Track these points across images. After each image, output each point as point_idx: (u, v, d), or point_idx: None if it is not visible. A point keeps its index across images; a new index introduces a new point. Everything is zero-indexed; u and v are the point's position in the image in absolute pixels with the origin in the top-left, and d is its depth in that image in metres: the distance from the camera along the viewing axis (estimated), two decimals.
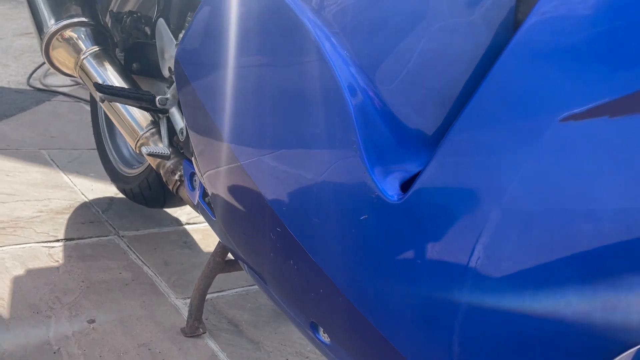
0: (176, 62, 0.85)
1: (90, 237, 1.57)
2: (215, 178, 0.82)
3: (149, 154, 1.01)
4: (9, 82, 3.09)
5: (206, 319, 1.33)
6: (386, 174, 0.58)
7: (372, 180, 0.57)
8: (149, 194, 1.58)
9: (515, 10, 0.47)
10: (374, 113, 0.57)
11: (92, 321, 1.21)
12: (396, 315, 0.64)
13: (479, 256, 0.53)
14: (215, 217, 0.93)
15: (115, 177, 1.75)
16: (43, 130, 2.37)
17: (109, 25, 1.58)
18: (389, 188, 0.57)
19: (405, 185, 0.57)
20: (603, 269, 0.42)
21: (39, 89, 2.94)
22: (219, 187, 0.83)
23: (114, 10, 1.61)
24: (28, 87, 2.96)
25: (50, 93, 2.91)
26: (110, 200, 1.83)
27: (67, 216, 1.65)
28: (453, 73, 0.52)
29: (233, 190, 0.80)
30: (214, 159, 0.81)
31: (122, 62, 1.38)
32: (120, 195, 1.84)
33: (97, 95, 1.11)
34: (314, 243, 0.68)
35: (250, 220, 0.79)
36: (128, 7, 1.64)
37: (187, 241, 1.68)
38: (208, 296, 1.42)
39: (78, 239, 1.54)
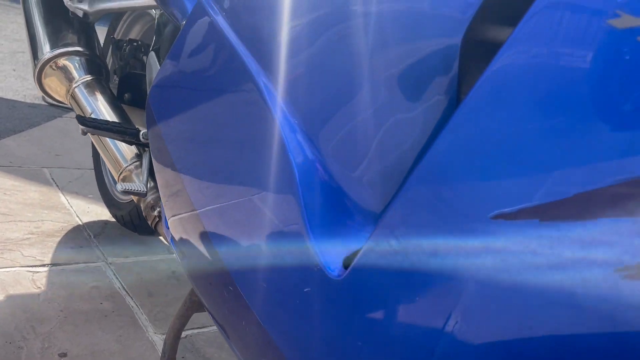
0: (147, 103, 0.84)
1: (77, 263, 1.55)
2: (176, 224, 0.80)
3: (125, 191, 1.00)
4: (25, 95, 3.15)
5: (183, 357, 1.30)
6: (330, 248, 0.54)
7: (314, 254, 0.54)
8: (139, 222, 1.57)
9: (457, 90, 0.44)
10: (320, 185, 0.55)
11: (63, 355, 1.19)
12: None
13: (413, 336, 0.49)
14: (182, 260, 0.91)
15: (108, 201, 1.74)
16: (49, 147, 2.39)
17: (110, 52, 1.59)
18: (332, 263, 0.54)
19: (350, 259, 0.54)
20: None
21: (53, 105, 2.98)
22: (179, 233, 0.81)
23: (117, 37, 1.63)
24: (43, 102, 3.01)
25: (62, 109, 2.95)
26: (104, 224, 1.82)
27: (57, 239, 1.65)
28: (397, 152, 0.49)
29: (191, 238, 0.77)
30: (176, 205, 0.79)
31: (116, 91, 1.38)
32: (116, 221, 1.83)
33: (80, 128, 1.10)
34: (263, 309, 0.65)
35: (205, 273, 0.76)
36: (132, 35, 1.65)
37: (175, 271, 1.66)
38: (188, 332, 1.39)
39: (64, 264, 1.53)
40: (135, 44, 1.48)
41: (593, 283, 0.35)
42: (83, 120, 1.08)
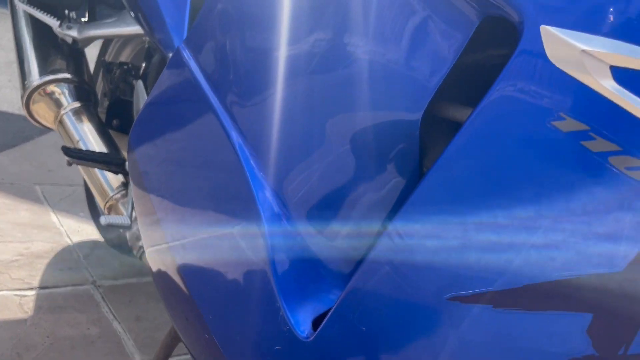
0: (129, 138, 0.84)
1: (66, 286, 1.55)
2: (153, 256, 0.81)
3: (108, 225, 1.00)
4: (20, 107, 3.15)
5: None
6: (300, 309, 0.55)
7: (284, 314, 0.54)
8: (128, 246, 1.57)
9: (420, 164, 0.45)
10: (291, 246, 0.55)
11: None
12: None
13: None
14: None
15: (98, 222, 1.74)
16: (42, 163, 2.39)
17: (100, 75, 1.60)
18: (301, 324, 0.54)
19: (319, 321, 0.55)
20: None
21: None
22: (156, 265, 0.82)
23: (108, 60, 1.63)
24: None
25: None
26: (94, 244, 1.82)
27: (46, 261, 1.65)
28: (365, 218, 0.50)
29: (167, 272, 0.78)
30: (152, 238, 0.80)
31: (105, 116, 1.38)
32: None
33: (65, 159, 1.10)
34: (230, 348, 0.65)
35: (180, 309, 0.77)
36: (123, 57, 1.66)
37: None
38: (175, 359, 1.39)
39: (53, 287, 1.53)
40: (125, 67, 1.49)
41: None
42: (68, 150, 1.09)
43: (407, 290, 0.44)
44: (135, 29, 1.23)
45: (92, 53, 1.58)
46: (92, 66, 1.63)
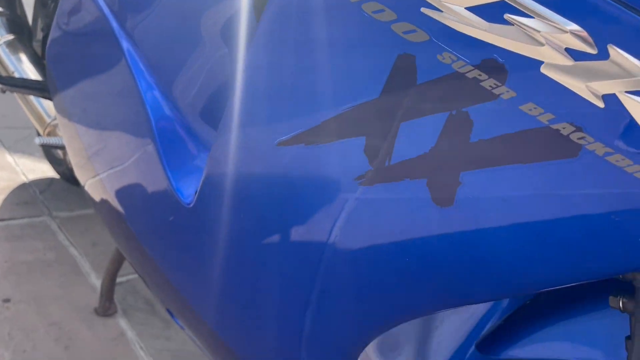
0: (46, 59, 0.89)
1: (22, 218, 1.62)
2: (79, 172, 0.88)
3: (43, 145, 1.06)
4: None
5: (123, 299, 1.40)
6: (184, 180, 0.63)
7: (171, 186, 0.62)
8: None
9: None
10: (174, 127, 0.62)
11: (7, 300, 1.28)
12: (212, 301, 0.70)
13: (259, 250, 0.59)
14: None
15: (50, 158, 1.79)
16: None
17: (36, 9, 1.61)
18: (185, 192, 0.62)
19: None
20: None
21: None
22: (83, 180, 0.89)
23: None
24: None
25: None
26: (50, 181, 1.88)
27: (2, 197, 1.70)
28: (225, 90, 0.57)
29: (88, 184, 0.85)
30: (75, 155, 0.86)
31: (41, 49, 1.41)
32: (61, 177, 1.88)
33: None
34: (146, 239, 0.74)
35: (105, 219, 0.85)
36: None
37: None
38: (130, 277, 1.49)
39: (9, 219, 1.60)
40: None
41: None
42: (1, 78, 1.13)
43: (254, 153, 0.51)
44: None
45: None
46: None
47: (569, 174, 0.34)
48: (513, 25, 0.33)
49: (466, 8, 0.35)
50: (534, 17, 0.32)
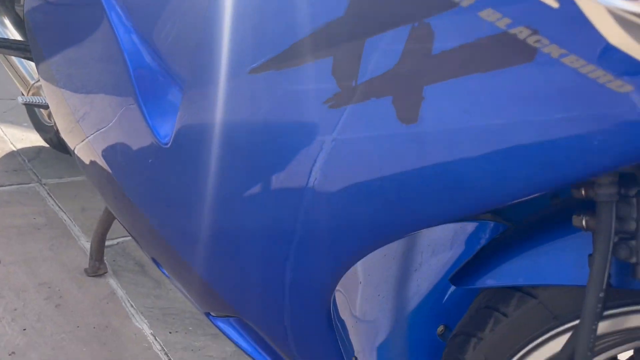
0: (24, 14, 0.89)
1: (11, 185, 1.62)
2: (63, 132, 0.88)
3: (26, 104, 1.06)
4: None
5: (114, 261, 1.41)
6: (162, 120, 0.63)
7: (148, 127, 0.63)
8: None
9: None
10: (151, 71, 0.62)
11: None
12: (195, 246, 0.71)
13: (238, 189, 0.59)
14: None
15: (38, 126, 1.79)
16: None
17: None
18: (163, 133, 0.63)
19: None
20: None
21: None
22: (69, 141, 0.89)
23: None
24: None
25: None
26: (39, 150, 1.88)
27: None
28: (198, 27, 0.57)
29: (74, 143, 0.85)
30: (61, 122, 0.87)
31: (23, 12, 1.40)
32: (50, 146, 1.88)
33: None
34: (130, 189, 0.74)
35: (94, 178, 0.86)
36: None
37: None
38: (120, 239, 1.50)
39: None
40: None
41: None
42: None
43: (227, 85, 0.52)
44: None
45: None
46: None
47: (527, 79, 0.35)
48: None
49: None
50: None
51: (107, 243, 1.41)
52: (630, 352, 0.60)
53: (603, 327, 0.52)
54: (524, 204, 0.70)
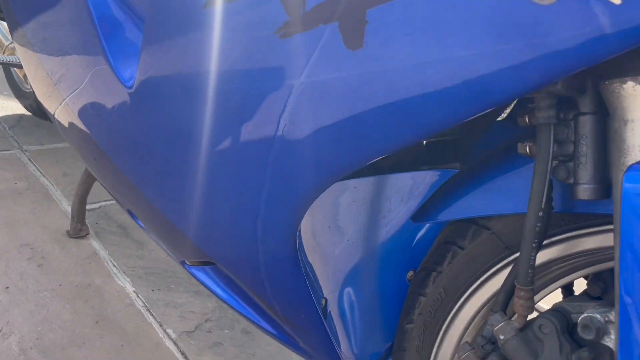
0: None
1: None
2: (39, 94, 0.88)
3: (2, 63, 1.06)
4: None
5: (96, 223, 1.43)
6: (125, 65, 0.64)
7: (114, 74, 0.64)
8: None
9: None
10: (114, 18, 0.63)
11: None
12: (164, 191, 0.73)
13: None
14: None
15: (17, 92, 1.78)
16: None
17: None
18: (127, 77, 0.64)
19: None
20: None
21: None
22: (44, 102, 0.90)
23: None
24: None
25: None
26: (19, 117, 1.87)
27: None
28: None
29: (47, 103, 0.86)
30: (39, 87, 0.87)
31: None
32: (30, 113, 1.88)
33: None
34: (104, 141, 0.75)
35: (73, 140, 0.87)
36: None
37: None
38: (102, 203, 1.51)
39: None
40: None
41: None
42: None
43: (182, 20, 0.53)
44: None
45: None
46: None
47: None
48: None
49: None
50: None
51: (89, 207, 1.42)
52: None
53: (556, 250, 0.54)
54: (478, 149, 0.72)
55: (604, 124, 0.45)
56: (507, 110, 0.79)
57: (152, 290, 1.26)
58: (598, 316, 0.45)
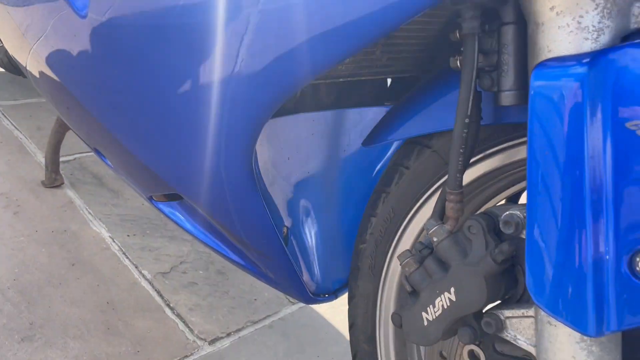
0: None
1: None
2: (18, 57, 0.89)
3: None
4: None
5: (71, 174, 1.45)
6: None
7: (68, 5, 0.65)
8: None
9: None
10: None
11: None
12: (127, 124, 0.75)
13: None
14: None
15: None
16: None
17: None
18: (80, 5, 0.65)
19: None
20: None
21: None
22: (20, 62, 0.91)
23: None
24: None
25: None
26: None
27: None
28: None
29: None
30: (9, 40, 0.88)
31: None
32: (2, 70, 1.86)
33: None
34: (68, 79, 0.77)
35: (45, 88, 0.88)
36: None
37: None
38: (77, 155, 1.53)
39: None
40: None
41: None
42: None
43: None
44: None
45: None
46: None
47: None
48: None
49: None
50: None
51: (64, 159, 1.44)
52: None
53: (496, 160, 0.58)
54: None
55: (525, 34, 0.48)
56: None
57: (128, 235, 1.29)
58: (518, 212, 0.49)
